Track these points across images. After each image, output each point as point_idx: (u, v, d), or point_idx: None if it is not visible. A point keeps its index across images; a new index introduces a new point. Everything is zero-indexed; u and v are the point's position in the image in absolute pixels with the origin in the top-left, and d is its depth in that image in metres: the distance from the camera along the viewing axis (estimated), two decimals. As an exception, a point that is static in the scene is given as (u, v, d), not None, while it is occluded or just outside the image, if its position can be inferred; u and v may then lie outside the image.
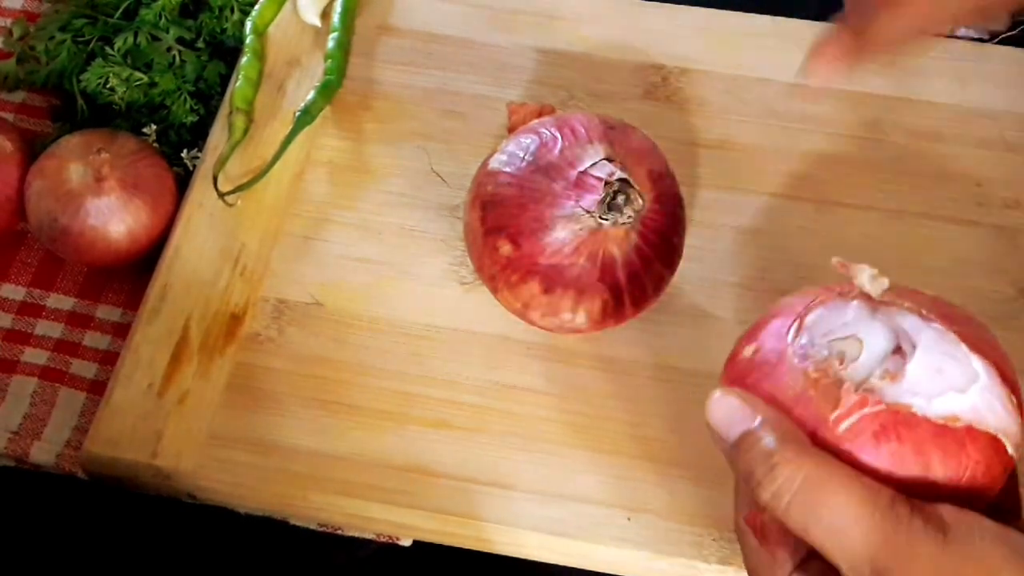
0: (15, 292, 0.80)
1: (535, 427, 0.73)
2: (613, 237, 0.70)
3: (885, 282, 0.57)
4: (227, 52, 0.88)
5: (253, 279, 0.79)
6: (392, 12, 0.91)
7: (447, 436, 0.73)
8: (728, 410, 0.56)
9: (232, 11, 0.89)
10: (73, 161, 0.78)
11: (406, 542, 0.73)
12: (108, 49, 0.86)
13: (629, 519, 0.71)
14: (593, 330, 0.73)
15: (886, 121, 0.85)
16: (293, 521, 0.73)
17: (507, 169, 0.72)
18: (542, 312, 0.72)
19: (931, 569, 0.50)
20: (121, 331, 0.78)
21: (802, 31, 0.89)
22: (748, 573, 0.58)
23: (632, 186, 0.70)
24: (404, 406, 0.74)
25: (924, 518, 0.51)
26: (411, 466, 0.72)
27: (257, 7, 0.88)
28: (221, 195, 0.80)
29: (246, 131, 0.83)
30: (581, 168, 0.70)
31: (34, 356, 0.78)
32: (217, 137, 0.84)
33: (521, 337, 0.76)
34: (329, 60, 0.86)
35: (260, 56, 0.87)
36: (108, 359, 0.77)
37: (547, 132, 0.72)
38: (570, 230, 0.70)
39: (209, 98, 0.87)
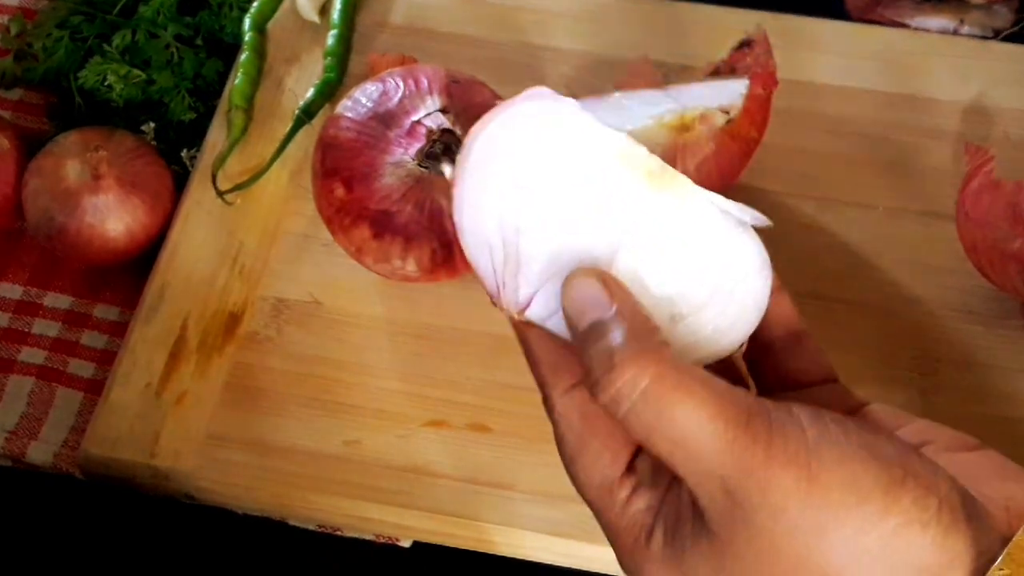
0: (12, 291, 0.80)
1: (535, 427, 0.73)
2: (441, 187, 0.72)
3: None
4: (226, 49, 0.88)
5: (252, 278, 0.78)
6: (392, 8, 0.90)
7: (446, 436, 0.73)
8: (584, 294, 0.48)
9: (231, 8, 0.89)
10: (71, 159, 0.78)
11: (406, 543, 0.72)
12: (106, 46, 0.86)
13: (630, 520, 0.70)
14: (427, 279, 0.74)
15: (888, 118, 0.84)
16: (292, 522, 0.73)
17: (349, 114, 0.74)
18: (374, 257, 0.73)
19: (792, 499, 0.45)
20: (119, 330, 0.78)
21: (804, 28, 0.89)
22: (564, 461, 0.51)
23: (455, 137, 0.72)
24: (403, 406, 0.74)
25: (784, 440, 0.46)
26: (410, 466, 0.72)
27: (255, 3, 0.88)
28: (220, 194, 0.80)
29: (245, 129, 0.83)
30: (415, 118, 0.73)
31: (31, 355, 0.77)
32: (215, 135, 0.83)
33: (521, 336, 0.76)
34: (329, 57, 0.86)
35: (259, 53, 0.87)
36: (106, 358, 0.77)
37: (392, 81, 0.74)
38: (398, 177, 0.72)
39: (208, 96, 0.86)
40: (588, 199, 0.49)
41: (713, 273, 0.50)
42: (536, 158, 0.50)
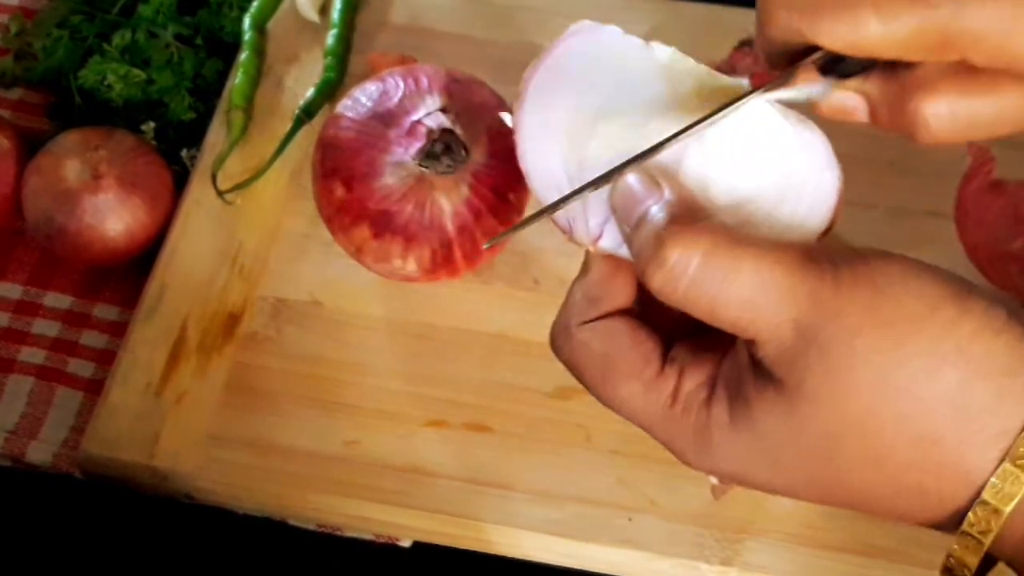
0: (12, 291, 0.80)
1: (535, 427, 0.73)
2: (441, 187, 0.72)
3: None
4: (226, 49, 0.88)
5: (251, 278, 0.78)
6: (392, 8, 0.90)
7: (446, 436, 0.73)
8: (627, 191, 0.48)
9: (231, 8, 0.88)
10: (70, 159, 0.78)
11: (406, 543, 0.72)
12: (106, 46, 0.86)
13: (630, 519, 0.70)
14: (427, 279, 0.74)
15: (889, 118, 0.84)
16: (291, 522, 0.73)
17: (349, 114, 0.74)
18: (374, 257, 0.73)
19: (866, 319, 0.45)
20: (118, 330, 0.78)
21: (804, 28, 0.88)
22: (594, 389, 0.51)
23: (455, 137, 0.72)
24: (403, 406, 0.74)
25: (849, 265, 0.46)
26: (410, 466, 0.72)
27: (255, 3, 0.88)
28: (220, 193, 0.79)
29: (245, 129, 0.83)
30: (415, 117, 0.73)
31: (31, 355, 0.77)
32: (215, 135, 0.83)
33: (521, 336, 0.76)
34: (329, 57, 0.86)
35: (259, 52, 0.86)
36: (105, 358, 0.77)
37: (392, 81, 0.74)
38: (398, 176, 0.72)
39: (207, 95, 0.86)
40: (646, 118, 0.50)
41: (782, 170, 0.50)
42: (590, 88, 0.51)
